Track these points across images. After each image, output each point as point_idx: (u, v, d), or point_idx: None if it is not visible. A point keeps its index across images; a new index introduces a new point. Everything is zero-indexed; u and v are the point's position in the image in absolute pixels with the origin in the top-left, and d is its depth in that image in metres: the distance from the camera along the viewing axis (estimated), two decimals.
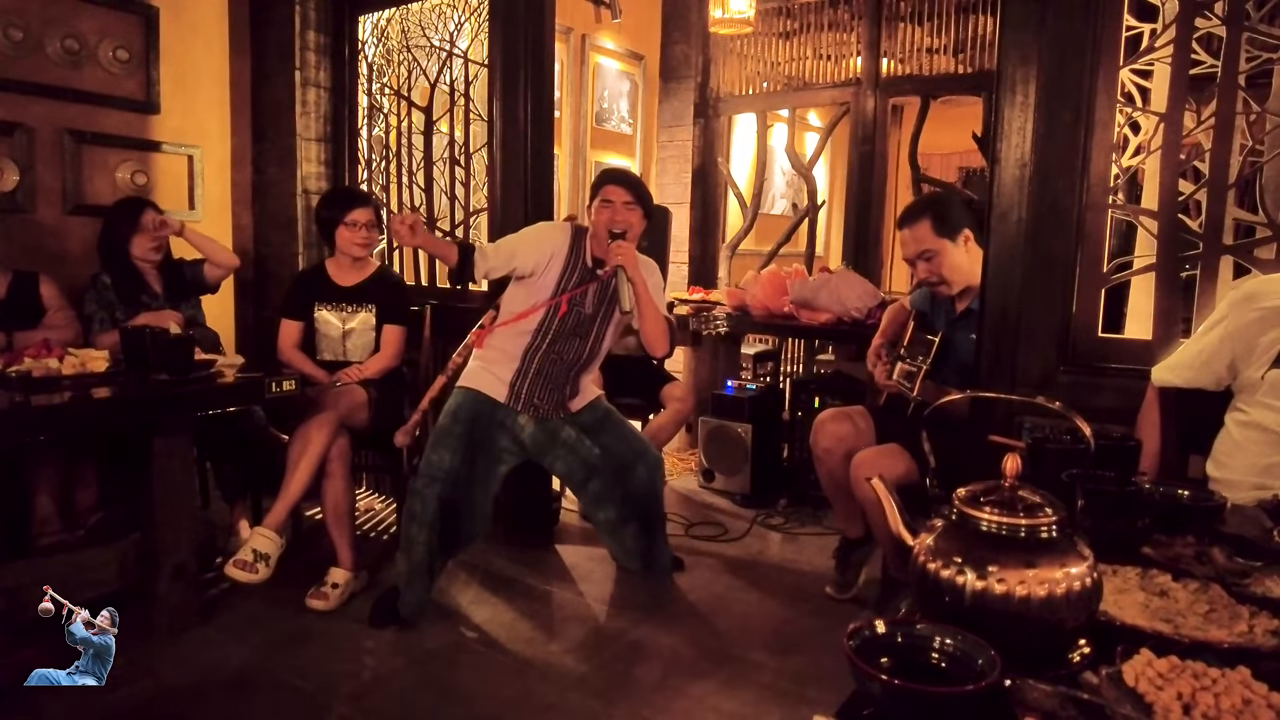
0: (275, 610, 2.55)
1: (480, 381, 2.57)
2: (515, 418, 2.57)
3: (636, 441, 2.72)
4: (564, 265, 2.54)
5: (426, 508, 2.42)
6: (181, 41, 3.54)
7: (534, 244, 2.55)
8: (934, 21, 4.33)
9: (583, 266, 2.56)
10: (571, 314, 2.54)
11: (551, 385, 2.57)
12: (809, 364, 4.52)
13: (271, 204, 3.78)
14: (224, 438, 2.92)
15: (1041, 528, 0.89)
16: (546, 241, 2.55)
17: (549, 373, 2.55)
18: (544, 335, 2.53)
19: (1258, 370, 1.72)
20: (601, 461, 2.63)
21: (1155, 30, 2.08)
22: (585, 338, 2.58)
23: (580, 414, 2.65)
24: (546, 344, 2.54)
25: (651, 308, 2.49)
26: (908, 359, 2.49)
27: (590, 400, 2.69)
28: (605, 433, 2.66)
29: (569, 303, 2.53)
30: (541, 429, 2.60)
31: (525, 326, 2.54)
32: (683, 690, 2.21)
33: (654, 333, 2.52)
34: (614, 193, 2.50)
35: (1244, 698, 0.75)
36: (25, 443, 2.58)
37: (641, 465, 2.66)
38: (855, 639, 0.81)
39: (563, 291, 2.53)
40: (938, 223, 2.46)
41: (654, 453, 2.74)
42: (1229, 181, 2.01)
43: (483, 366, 2.59)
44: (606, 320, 2.60)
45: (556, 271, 2.54)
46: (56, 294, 2.85)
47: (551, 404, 2.58)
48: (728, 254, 5.29)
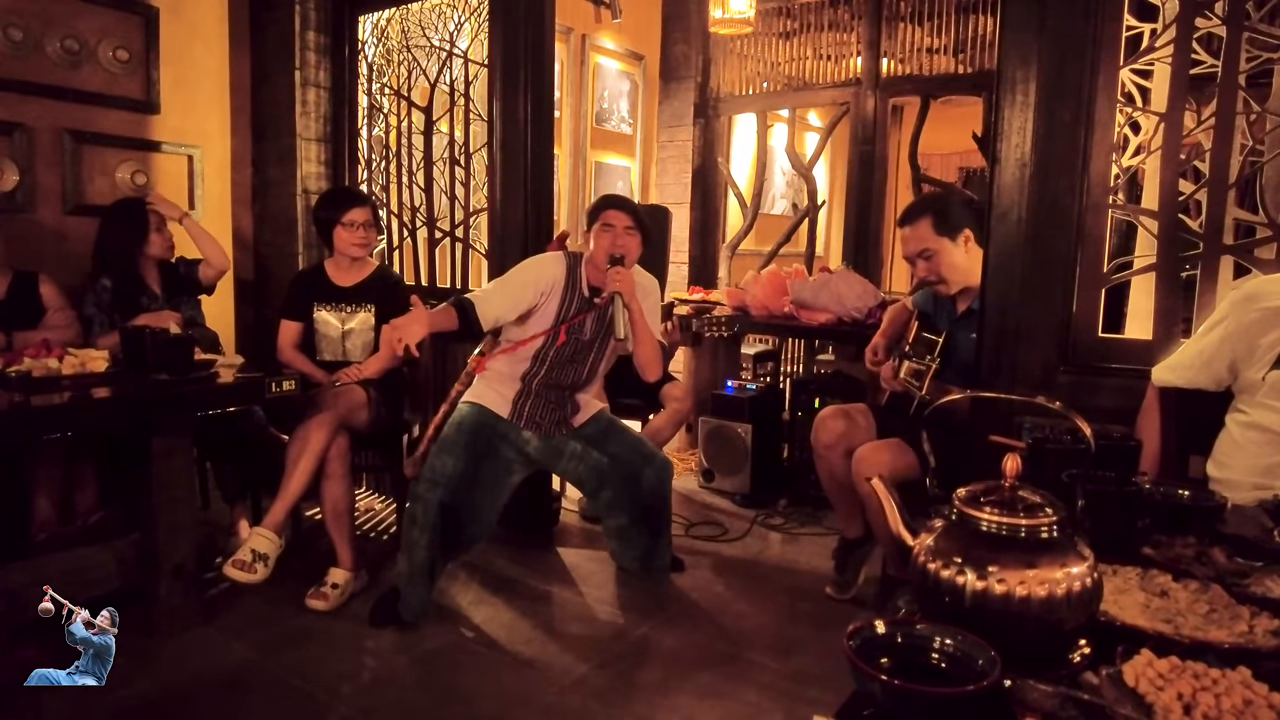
0: (275, 610, 2.55)
1: (484, 397, 2.59)
2: (519, 432, 2.59)
3: (644, 447, 2.74)
4: (562, 296, 2.55)
5: (427, 512, 2.42)
6: (181, 41, 3.54)
7: (533, 283, 2.52)
8: (934, 21, 4.33)
9: (580, 296, 2.56)
10: (570, 342, 2.56)
11: (551, 406, 2.60)
12: (809, 364, 4.51)
13: (271, 204, 3.78)
14: (224, 438, 2.92)
15: (1042, 528, 0.89)
16: (545, 277, 2.53)
17: (548, 396, 2.59)
18: (542, 363, 2.56)
19: (1258, 371, 1.72)
20: (611, 469, 2.65)
21: (1155, 30, 2.08)
22: (583, 363, 2.61)
23: (584, 427, 2.68)
24: (544, 370, 2.56)
25: (646, 333, 2.51)
26: (914, 358, 2.49)
27: (592, 414, 2.71)
28: (611, 442, 2.68)
29: (567, 332, 2.54)
30: (546, 444, 2.63)
31: (524, 354, 2.56)
32: (683, 690, 2.21)
33: (646, 357, 2.54)
34: (615, 218, 2.50)
35: (1244, 698, 0.75)
36: (25, 443, 2.58)
37: (650, 469, 2.67)
38: (855, 639, 0.81)
39: (562, 321, 2.54)
40: (938, 222, 2.46)
41: (662, 457, 2.76)
42: (1229, 181, 2.01)
43: (486, 384, 2.62)
44: (604, 345, 2.63)
45: (555, 303, 2.54)
46: (56, 294, 2.85)
47: (553, 422, 2.62)
48: (728, 254, 5.30)
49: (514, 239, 3.10)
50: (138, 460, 2.35)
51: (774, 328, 4.12)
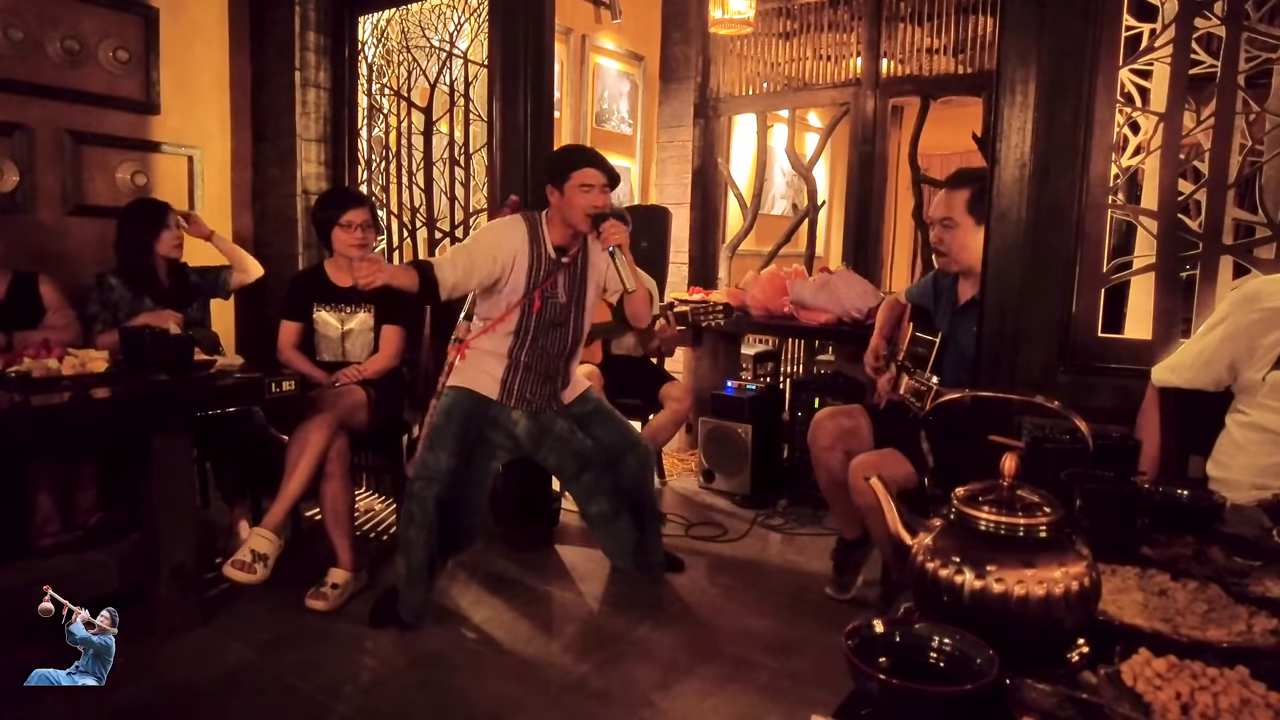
0: (275, 610, 2.55)
1: (472, 380, 2.56)
2: (508, 413, 2.57)
3: (628, 432, 2.73)
4: (529, 262, 2.49)
5: (425, 510, 2.42)
6: (181, 42, 3.54)
7: (491, 250, 2.45)
8: (934, 22, 4.33)
9: (547, 258, 2.51)
10: (547, 307, 2.52)
11: (543, 378, 2.57)
12: (809, 364, 4.52)
13: (271, 204, 3.78)
14: (224, 438, 2.92)
15: (1040, 527, 0.89)
16: (505, 245, 2.47)
17: (538, 366, 2.56)
18: (525, 334, 2.52)
19: (1258, 371, 1.72)
20: (593, 452, 2.64)
21: (1155, 30, 2.08)
22: (565, 325, 2.57)
23: (572, 406, 2.66)
24: (529, 341, 2.53)
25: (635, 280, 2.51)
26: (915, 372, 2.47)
27: (581, 392, 2.70)
28: (596, 424, 2.66)
29: (541, 297, 2.50)
30: (535, 422, 2.60)
31: (505, 329, 2.53)
32: (682, 690, 2.21)
33: (640, 300, 2.57)
34: (593, 176, 2.43)
35: (1242, 697, 0.75)
36: (25, 443, 2.58)
37: (632, 455, 2.66)
38: (854, 639, 0.81)
39: (534, 288, 2.49)
40: (974, 200, 2.43)
41: (644, 444, 2.75)
42: (1229, 181, 2.01)
43: (473, 366, 2.58)
44: (582, 304, 2.59)
45: (524, 271, 2.48)
46: (56, 294, 2.85)
47: (544, 397, 2.59)
48: (728, 254, 5.29)
49: None
50: (138, 460, 2.36)
51: (774, 328, 4.12)
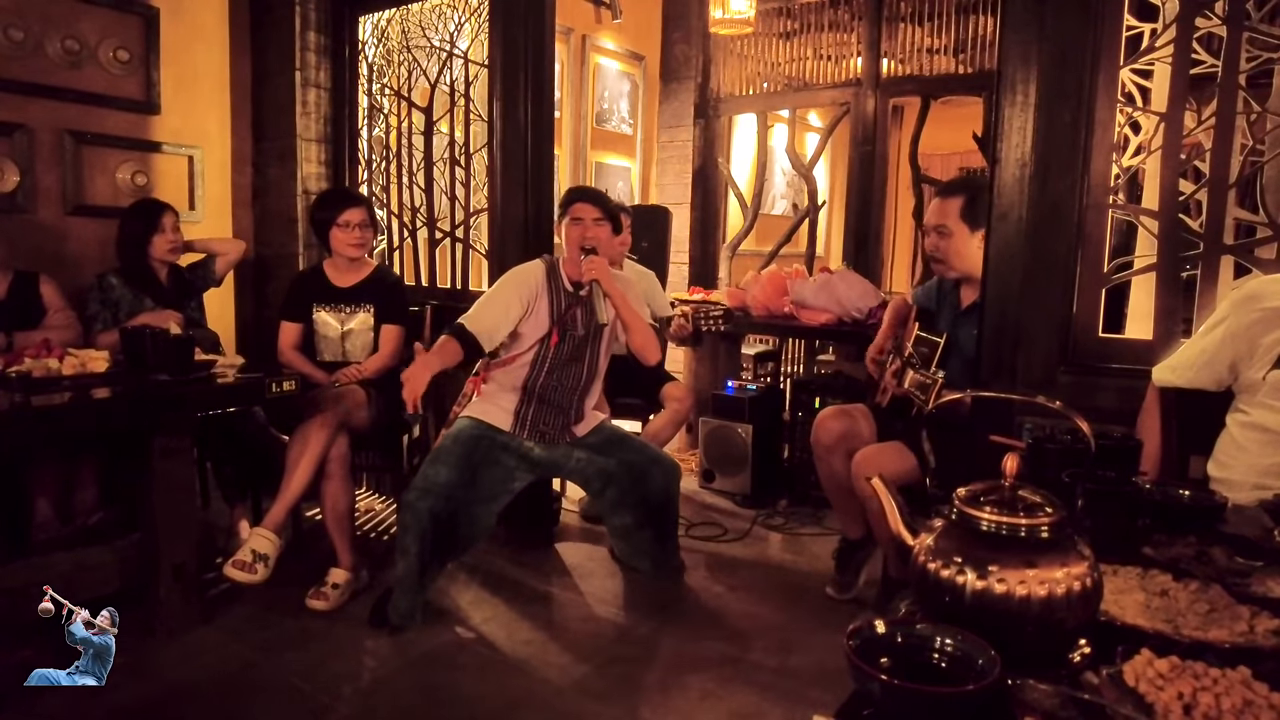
0: (275, 610, 2.54)
1: (484, 412, 2.61)
2: (521, 442, 2.61)
3: (651, 450, 2.76)
4: (550, 297, 2.60)
5: (418, 520, 2.41)
6: (182, 42, 3.54)
7: (518, 289, 2.58)
8: (934, 22, 4.33)
9: (565, 292, 2.62)
10: (565, 341, 2.59)
11: (556, 410, 2.62)
12: (809, 364, 4.51)
13: (272, 204, 3.78)
14: (224, 438, 2.92)
15: (1041, 527, 0.89)
16: (528, 283, 2.59)
17: (552, 399, 2.61)
18: (541, 366, 2.59)
19: (1259, 371, 1.72)
20: (617, 470, 2.66)
21: (1155, 30, 2.08)
22: (582, 360, 2.64)
23: (586, 438, 2.68)
24: (545, 373, 2.59)
25: (633, 317, 2.55)
26: (920, 368, 2.48)
27: (594, 425, 2.73)
28: (617, 449, 2.68)
29: (560, 330, 2.58)
30: (549, 452, 2.64)
31: (521, 361, 2.60)
32: (683, 690, 2.21)
33: (640, 341, 2.60)
34: (584, 210, 2.61)
35: (1244, 698, 0.75)
36: (25, 443, 2.58)
37: (658, 469, 2.68)
38: (855, 639, 0.81)
39: (555, 323, 2.58)
40: (968, 207, 2.45)
41: (669, 459, 2.77)
42: (1230, 181, 2.01)
43: (486, 400, 2.64)
44: (598, 338, 2.65)
45: (546, 305, 2.59)
46: (57, 294, 2.85)
47: (557, 428, 2.63)
48: (728, 254, 5.29)
49: (514, 239, 3.10)
50: (138, 460, 2.35)
51: (774, 328, 4.12)
